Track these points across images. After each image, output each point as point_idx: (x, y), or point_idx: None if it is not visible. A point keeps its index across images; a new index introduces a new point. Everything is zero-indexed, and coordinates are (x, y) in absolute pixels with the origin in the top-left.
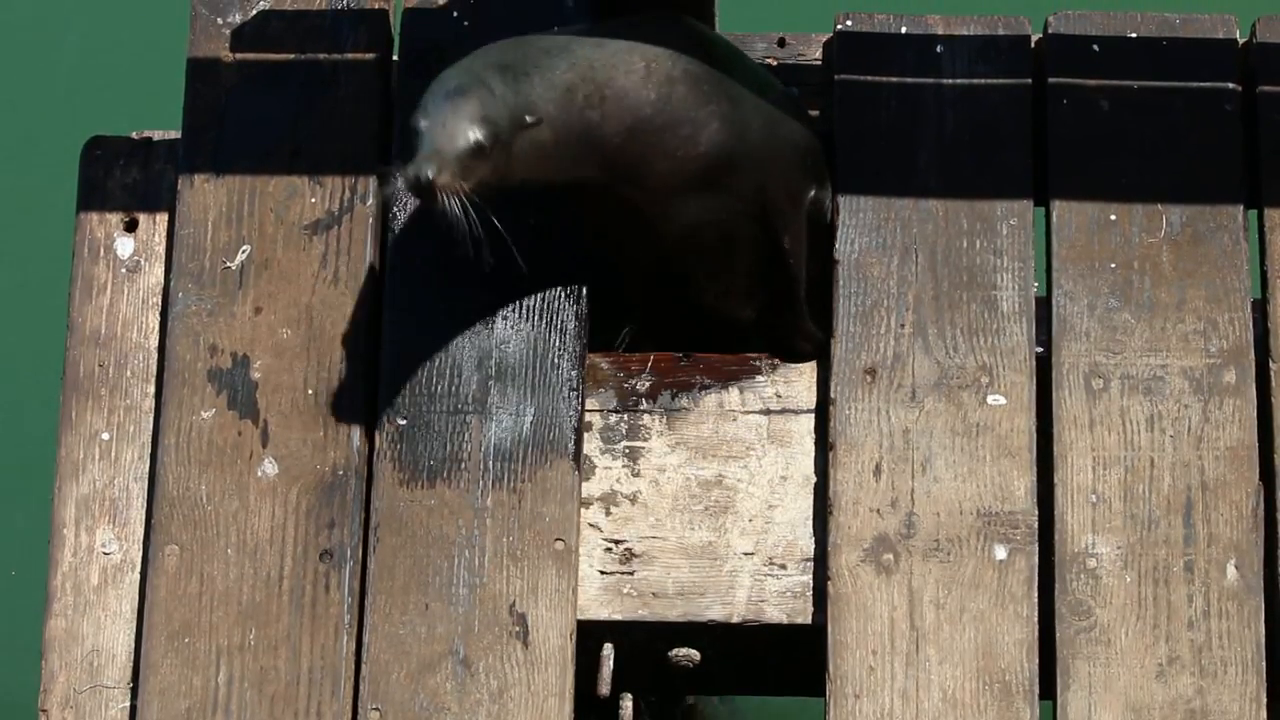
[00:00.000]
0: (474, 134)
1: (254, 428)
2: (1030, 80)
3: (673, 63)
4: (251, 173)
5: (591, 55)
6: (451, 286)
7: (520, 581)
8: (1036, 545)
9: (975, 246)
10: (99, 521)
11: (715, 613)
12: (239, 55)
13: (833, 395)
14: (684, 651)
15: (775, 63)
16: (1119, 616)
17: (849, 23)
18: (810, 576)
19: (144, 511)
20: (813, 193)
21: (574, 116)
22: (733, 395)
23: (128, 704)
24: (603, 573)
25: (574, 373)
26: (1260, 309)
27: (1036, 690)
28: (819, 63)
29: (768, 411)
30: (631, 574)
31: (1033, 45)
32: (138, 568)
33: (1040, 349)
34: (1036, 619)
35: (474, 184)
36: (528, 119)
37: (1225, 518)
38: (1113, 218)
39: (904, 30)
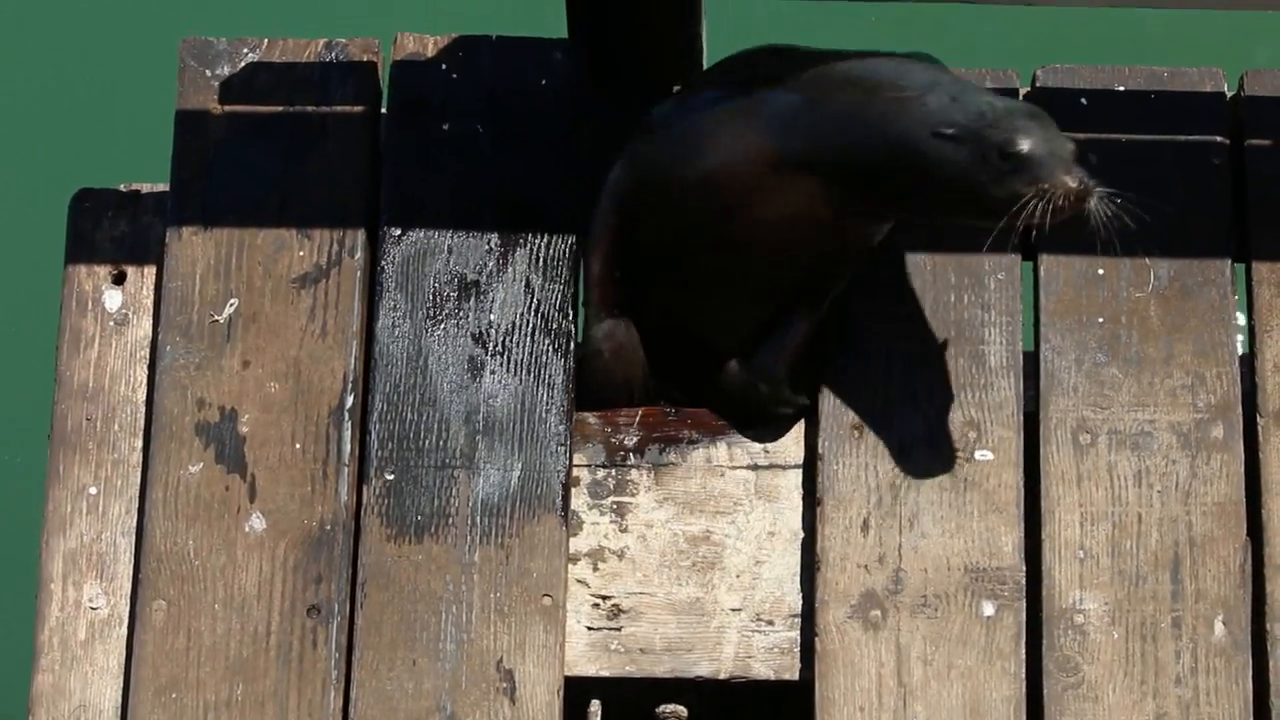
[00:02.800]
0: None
1: (242, 482)
2: None
3: None
4: (240, 225)
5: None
6: (439, 340)
7: (508, 637)
8: (1024, 601)
9: (963, 301)
10: (86, 576)
11: (703, 669)
12: (227, 107)
13: (820, 450)
14: (671, 707)
15: None
16: (1107, 673)
17: None
18: (798, 632)
19: (131, 566)
20: None
21: None
22: (720, 450)
23: None
24: (590, 628)
25: (562, 428)
26: (1248, 364)
27: None
28: None
29: (755, 467)
30: (619, 630)
31: (1020, 99)
32: (125, 622)
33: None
34: (1024, 675)
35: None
36: None
37: (1213, 573)
38: (1100, 272)
39: None
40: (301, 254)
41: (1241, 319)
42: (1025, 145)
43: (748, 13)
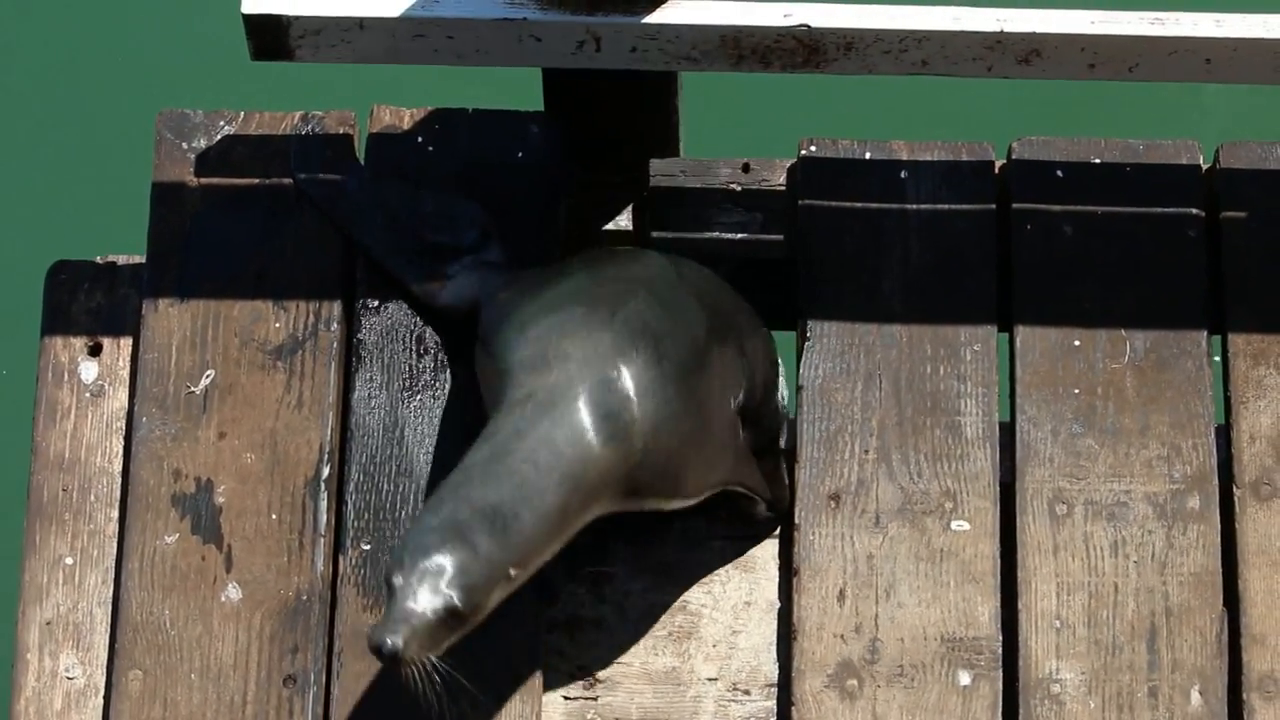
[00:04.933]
0: (450, 602)
1: (218, 552)
2: (994, 205)
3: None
4: (216, 297)
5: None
6: (415, 412)
7: (486, 707)
8: (1001, 671)
9: (939, 372)
10: (63, 646)
11: None
12: (203, 180)
13: (796, 520)
14: None
15: (739, 188)
16: None
17: (813, 148)
18: (774, 702)
19: (107, 636)
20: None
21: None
22: (697, 521)
23: None
24: (567, 698)
25: None
26: (1224, 435)
27: None
28: (783, 188)
29: (732, 537)
30: (595, 699)
31: (997, 171)
32: (101, 692)
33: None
34: None
35: (444, 649)
36: (511, 573)
37: (1189, 643)
38: (1076, 343)
39: (868, 156)
40: (278, 325)
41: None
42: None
43: (725, 89)
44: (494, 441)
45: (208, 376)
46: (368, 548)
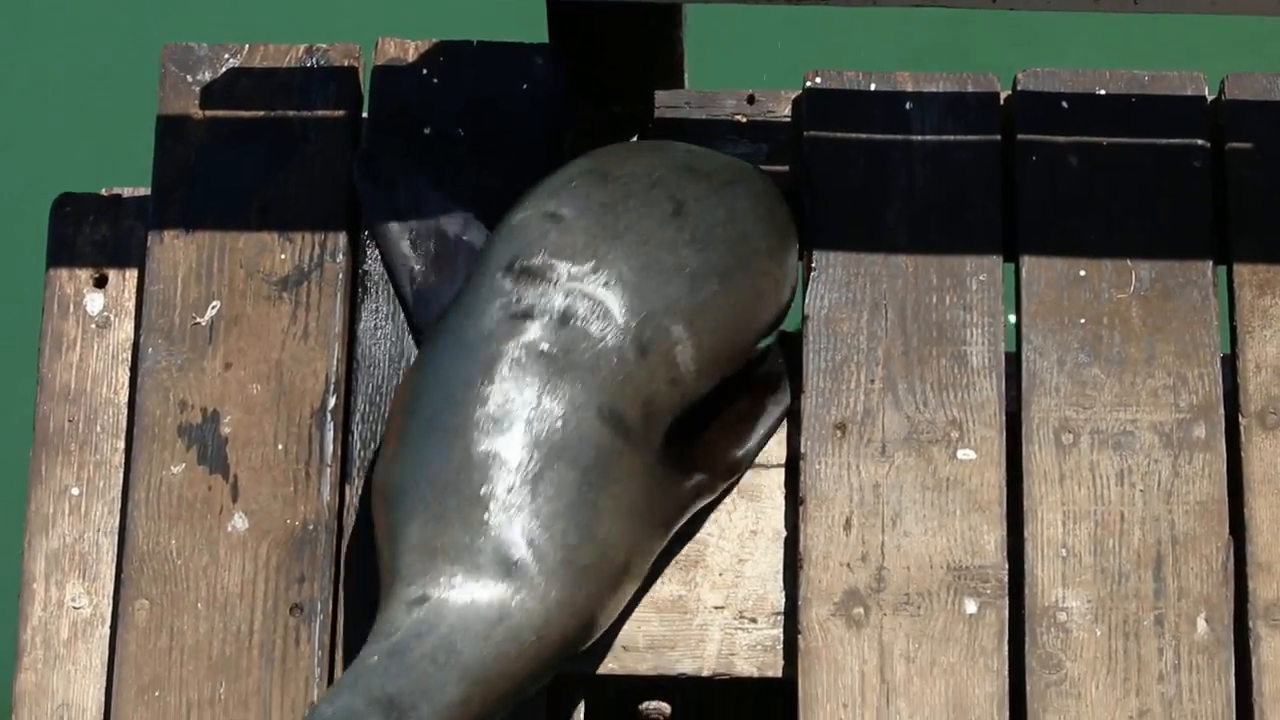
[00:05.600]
0: None
1: (224, 483)
2: (999, 137)
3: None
4: (221, 229)
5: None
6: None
7: None
8: (1007, 599)
9: (945, 302)
10: (69, 576)
11: (686, 666)
12: (208, 112)
13: (803, 450)
14: (654, 704)
15: (744, 119)
16: (1089, 670)
17: (818, 80)
18: (780, 630)
19: (114, 566)
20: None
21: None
22: None
23: None
24: None
25: None
26: (1229, 364)
27: None
28: (788, 119)
29: None
30: None
31: (1002, 102)
32: (108, 622)
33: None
34: (1007, 673)
35: None
36: None
37: (1195, 572)
38: (1082, 273)
39: (873, 87)
40: (283, 257)
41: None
42: None
43: (730, 18)
44: (392, 641)
45: (213, 308)
46: None
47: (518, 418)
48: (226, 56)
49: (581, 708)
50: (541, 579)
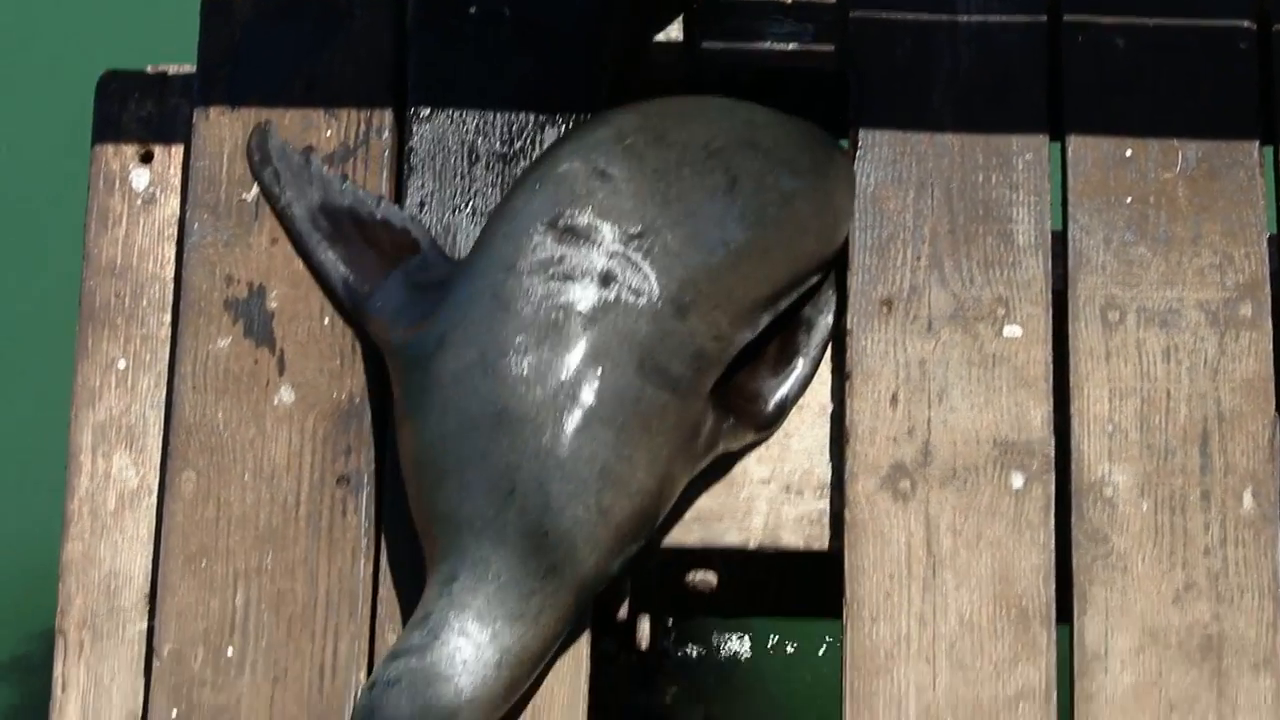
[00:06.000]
0: None
1: (270, 356)
2: (1045, 18)
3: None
4: (266, 106)
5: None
6: (467, 219)
7: None
8: (1053, 474)
9: (991, 181)
10: (115, 447)
11: (732, 538)
12: None
13: (849, 326)
14: (701, 575)
15: (790, 0)
16: (1136, 544)
17: None
18: (827, 503)
19: (160, 438)
20: None
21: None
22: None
23: (145, 626)
24: None
25: None
26: (1276, 243)
27: (1054, 615)
28: (833, 0)
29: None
30: None
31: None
32: (155, 492)
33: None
34: (1053, 546)
35: None
36: None
37: (1241, 448)
38: (1128, 153)
39: None
40: (328, 134)
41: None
42: None
43: None
44: (429, 627)
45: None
46: None
47: (551, 382)
48: None
49: (628, 578)
50: (574, 546)
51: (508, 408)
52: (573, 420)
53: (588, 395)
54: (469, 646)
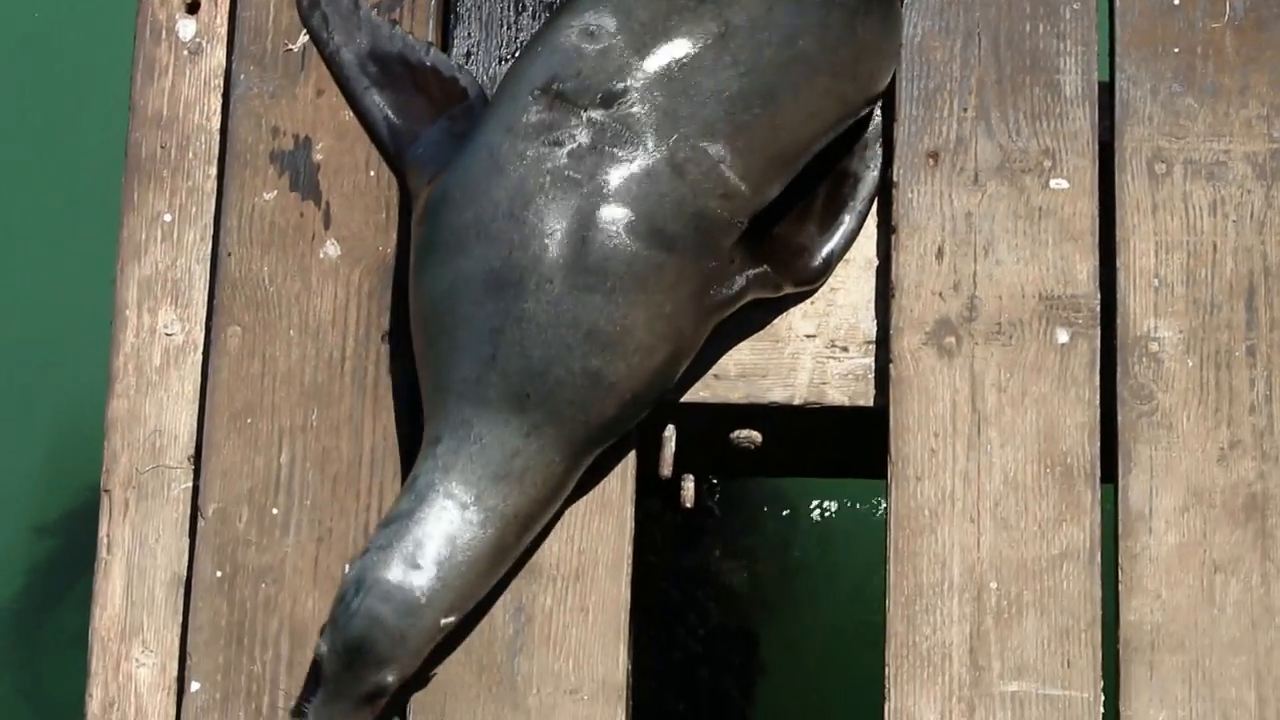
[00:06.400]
0: (384, 686)
1: (316, 209)
2: None
3: None
4: None
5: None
6: (515, 64)
7: None
8: (1099, 329)
9: (1038, 31)
10: (161, 303)
11: (777, 395)
12: None
13: (895, 178)
14: (745, 433)
15: None
16: (1181, 400)
17: None
18: (872, 359)
19: (206, 293)
20: None
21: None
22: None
23: (190, 484)
24: None
25: None
26: None
27: (1098, 473)
28: None
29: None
30: None
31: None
32: (200, 348)
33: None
34: (1098, 403)
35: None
36: (444, 621)
37: None
38: (1176, 2)
39: None
40: None
41: None
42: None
43: None
44: (415, 489)
45: (305, 34)
46: None
47: (535, 247)
48: None
49: (672, 436)
50: (557, 408)
51: (493, 271)
52: (555, 285)
53: (571, 259)
54: (453, 508)
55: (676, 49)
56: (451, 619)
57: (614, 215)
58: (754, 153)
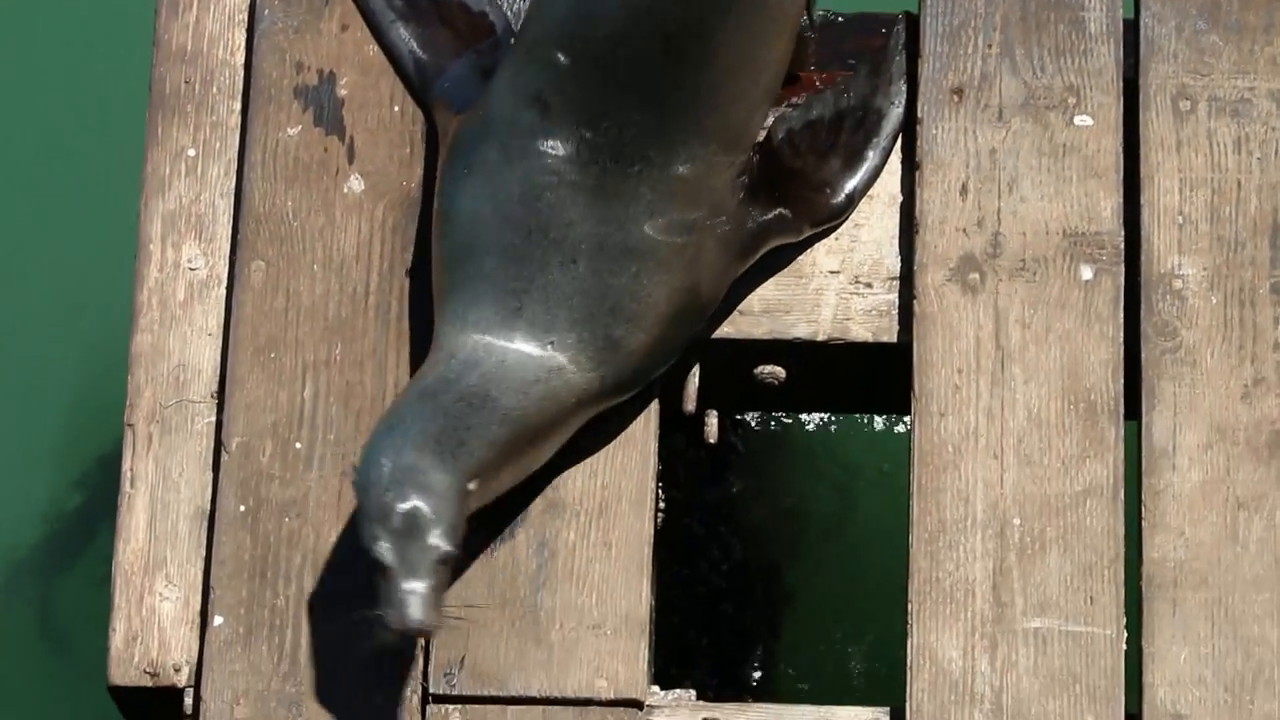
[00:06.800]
0: (440, 552)
1: (340, 144)
2: None
3: None
4: None
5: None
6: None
7: None
8: (1123, 266)
9: None
10: (185, 237)
11: (800, 330)
12: None
13: (919, 114)
14: (769, 369)
15: None
16: (1204, 337)
17: None
18: (896, 295)
19: (230, 228)
20: None
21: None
22: None
23: (213, 418)
24: None
25: None
26: None
27: (1122, 410)
28: None
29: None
30: None
31: None
32: (224, 283)
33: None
34: (1122, 339)
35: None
36: (470, 486)
37: None
38: None
39: None
40: None
41: None
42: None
43: None
44: (422, 386)
45: None
46: None
47: (554, 234)
48: None
49: (696, 372)
50: (578, 360)
51: (513, 243)
52: (579, 269)
53: (594, 248)
54: (466, 409)
55: (632, 72)
56: (475, 488)
57: (635, 210)
58: (725, 115)
